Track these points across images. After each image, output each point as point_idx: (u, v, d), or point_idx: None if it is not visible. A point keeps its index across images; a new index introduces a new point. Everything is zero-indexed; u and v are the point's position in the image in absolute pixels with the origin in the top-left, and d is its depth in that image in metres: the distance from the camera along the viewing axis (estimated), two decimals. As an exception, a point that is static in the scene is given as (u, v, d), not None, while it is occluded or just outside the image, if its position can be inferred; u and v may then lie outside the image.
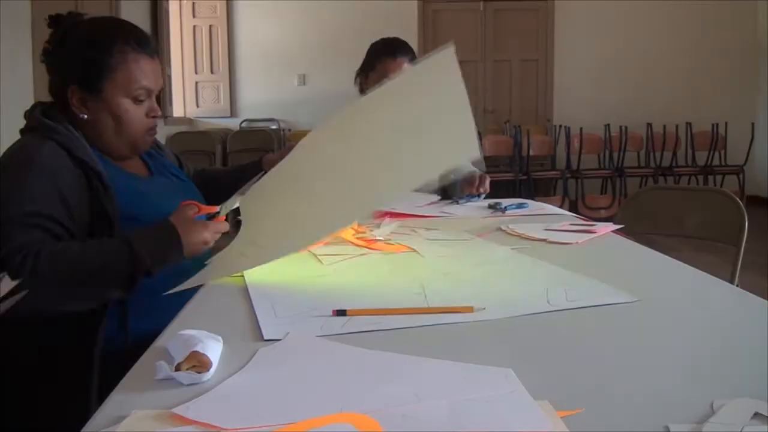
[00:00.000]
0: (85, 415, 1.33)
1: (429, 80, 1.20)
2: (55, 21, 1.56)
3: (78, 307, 1.32)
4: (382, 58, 2.48)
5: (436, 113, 1.17)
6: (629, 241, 1.72)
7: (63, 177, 1.39)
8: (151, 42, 1.59)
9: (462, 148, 1.12)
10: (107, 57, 1.50)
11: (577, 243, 1.63)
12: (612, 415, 0.71)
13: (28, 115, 1.53)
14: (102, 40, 1.52)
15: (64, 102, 1.53)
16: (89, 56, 1.50)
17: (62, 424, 1.39)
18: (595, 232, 1.72)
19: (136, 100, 1.53)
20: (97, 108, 1.51)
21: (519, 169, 7.04)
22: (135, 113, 1.54)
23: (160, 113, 1.59)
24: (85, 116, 1.51)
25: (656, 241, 2.21)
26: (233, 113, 8.47)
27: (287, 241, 1.33)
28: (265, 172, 1.65)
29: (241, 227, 1.45)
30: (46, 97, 1.60)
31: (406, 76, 1.46)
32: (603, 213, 6.83)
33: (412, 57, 2.52)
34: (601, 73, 8.34)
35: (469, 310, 1.07)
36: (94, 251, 1.34)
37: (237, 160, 7.40)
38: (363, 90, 2.58)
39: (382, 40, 2.58)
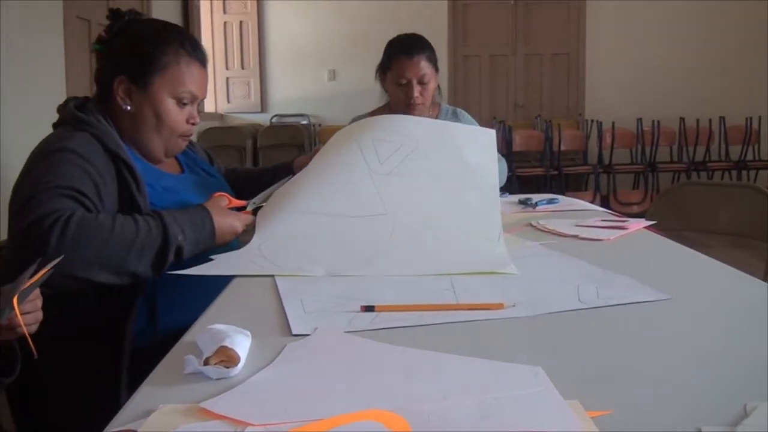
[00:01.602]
0: (116, 408, 1.34)
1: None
2: (115, 14, 1.58)
3: (103, 278, 1.28)
4: (398, 57, 2.40)
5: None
6: (661, 237, 1.69)
7: (93, 163, 1.39)
8: (205, 53, 1.62)
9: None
10: (161, 55, 1.52)
11: (608, 239, 1.61)
12: (643, 416, 0.70)
13: (61, 109, 1.54)
14: (160, 38, 1.54)
15: (107, 91, 1.54)
16: (144, 50, 1.52)
17: (93, 417, 1.40)
18: (626, 228, 1.70)
19: (180, 103, 1.55)
20: (141, 102, 1.52)
21: (550, 164, 6.98)
22: (176, 115, 1.55)
23: (198, 121, 1.61)
24: (128, 107, 1.52)
25: (688, 237, 2.18)
26: (264, 109, 8.50)
27: (296, 262, 1.36)
28: (293, 176, 1.68)
29: (255, 236, 1.47)
30: (78, 94, 1.61)
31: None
32: (635, 208, 6.75)
33: (430, 53, 2.43)
34: (634, 66, 8.24)
35: (500, 307, 1.06)
36: (126, 220, 1.32)
37: (267, 156, 7.44)
38: (384, 86, 2.53)
39: (398, 37, 2.51)
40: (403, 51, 2.40)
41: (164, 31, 1.59)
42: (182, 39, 1.56)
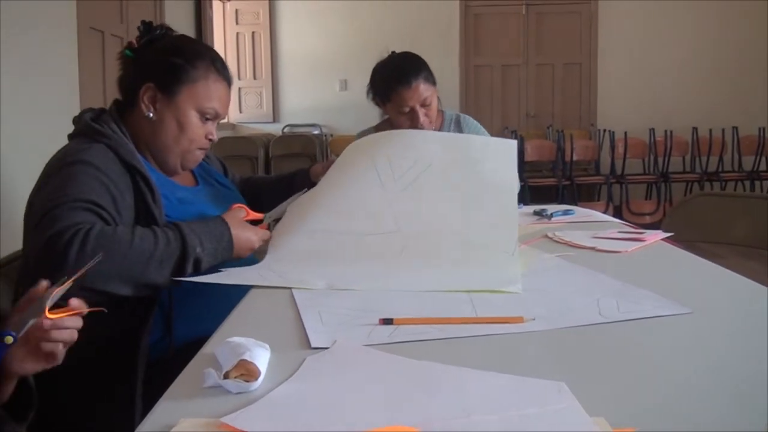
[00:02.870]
0: (131, 421, 1.34)
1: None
2: (147, 26, 1.60)
3: (123, 290, 1.29)
4: (396, 88, 2.26)
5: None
6: (679, 249, 1.68)
7: (110, 174, 1.40)
8: (231, 75, 1.65)
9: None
10: (192, 68, 1.54)
11: (626, 251, 1.60)
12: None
13: (77, 120, 1.55)
14: (192, 52, 1.57)
15: (131, 97, 1.56)
16: (176, 61, 1.54)
17: (108, 428, 1.40)
18: (644, 240, 1.69)
19: (203, 117, 1.57)
20: (166, 110, 1.53)
21: (562, 174, 6.95)
22: (197, 128, 1.57)
23: (216, 139, 1.62)
24: (151, 114, 1.53)
25: (701, 248, 2.16)
26: (275, 118, 8.51)
27: (299, 275, 1.36)
28: (312, 185, 1.68)
29: (267, 255, 1.48)
30: (92, 105, 1.62)
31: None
32: (648, 219, 6.71)
33: (426, 73, 2.30)
34: (646, 76, 8.21)
35: (519, 320, 1.05)
36: (145, 233, 1.33)
37: (279, 165, 7.45)
38: (383, 110, 2.43)
39: (390, 63, 2.38)
40: (400, 81, 2.27)
41: (197, 46, 1.63)
42: (213, 57, 1.59)
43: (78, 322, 1.04)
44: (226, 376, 0.81)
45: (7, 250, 1.62)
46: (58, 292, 1.00)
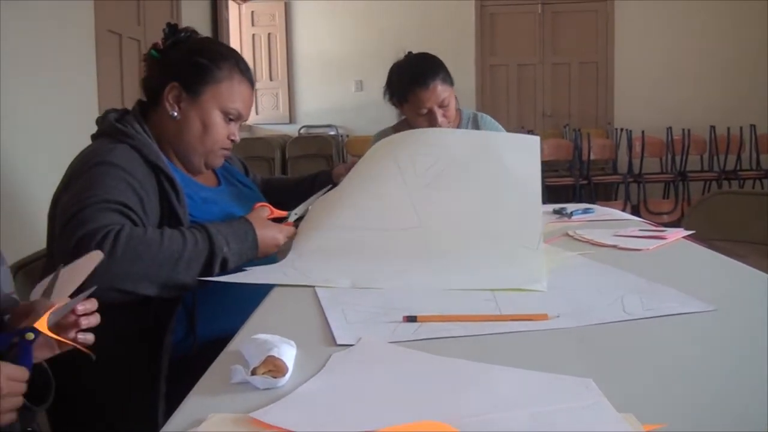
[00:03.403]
0: (155, 419, 1.35)
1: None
2: (172, 28, 1.62)
3: (151, 291, 1.30)
4: (414, 89, 2.25)
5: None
6: (701, 247, 1.67)
7: (136, 175, 1.41)
8: (253, 77, 1.66)
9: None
10: (217, 69, 1.56)
11: (648, 249, 1.59)
12: (698, 430, 0.69)
13: (100, 121, 1.56)
14: (217, 53, 1.59)
15: (155, 97, 1.57)
16: (201, 62, 1.55)
17: (130, 426, 1.41)
18: (665, 238, 1.68)
19: (226, 118, 1.58)
20: (190, 110, 1.55)
21: (579, 173, 6.92)
22: (221, 129, 1.58)
23: (238, 140, 1.63)
24: (175, 114, 1.54)
25: (721, 247, 2.15)
26: (292, 120, 8.54)
27: (324, 273, 1.36)
28: (334, 185, 1.69)
29: (290, 252, 1.48)
30: (110, 107, 1.63)
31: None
32: (665, 218, 6.67)
33: (444, 73, 2.28)
34: (663, 74, 8.16)
35: (544, 317, 1.05)
36: (173, 234, 1.34)
37: (296, 166, 7.47)
38: (400, 110, 2.42)
39: (407, 64, 2.37)
40: (417, 82, 2.25)
41: (221, 47, 1.64)
42: (237, 59, 1.61)
43: (93, 304, 1.07)
44: (253, 373, 0.82)
45: (30, 249, 1.63)
46: (60, 309, 1.02)
